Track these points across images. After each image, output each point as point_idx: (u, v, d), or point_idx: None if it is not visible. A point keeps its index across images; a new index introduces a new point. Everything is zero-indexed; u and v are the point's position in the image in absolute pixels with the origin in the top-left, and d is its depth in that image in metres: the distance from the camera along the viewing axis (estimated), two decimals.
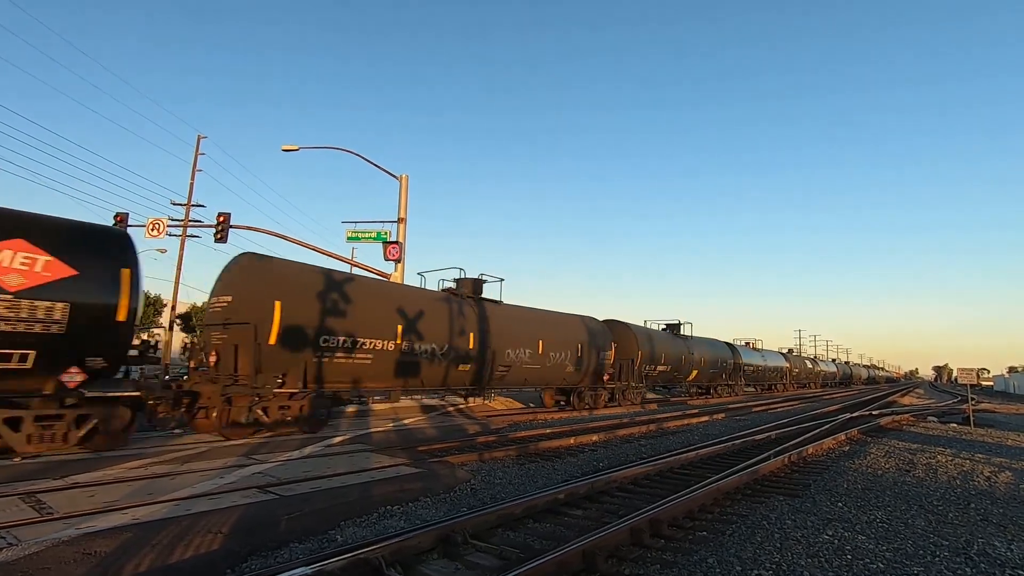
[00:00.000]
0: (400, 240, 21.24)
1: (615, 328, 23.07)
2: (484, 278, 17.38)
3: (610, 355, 21.30)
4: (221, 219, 21.23)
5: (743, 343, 40.85)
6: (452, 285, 16.97)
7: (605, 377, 21.08)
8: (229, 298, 11.32)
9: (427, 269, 18.06)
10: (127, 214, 21.62)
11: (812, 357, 65.35)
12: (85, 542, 4.55)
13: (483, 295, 17.09)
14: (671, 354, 25.85)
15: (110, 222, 21.16)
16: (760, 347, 42.85)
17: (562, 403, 20.65)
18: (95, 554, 4.35)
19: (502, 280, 17.76)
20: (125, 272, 9.04)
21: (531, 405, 21.62)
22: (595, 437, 11.93)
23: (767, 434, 12.20)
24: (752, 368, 38.27)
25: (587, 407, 20.34)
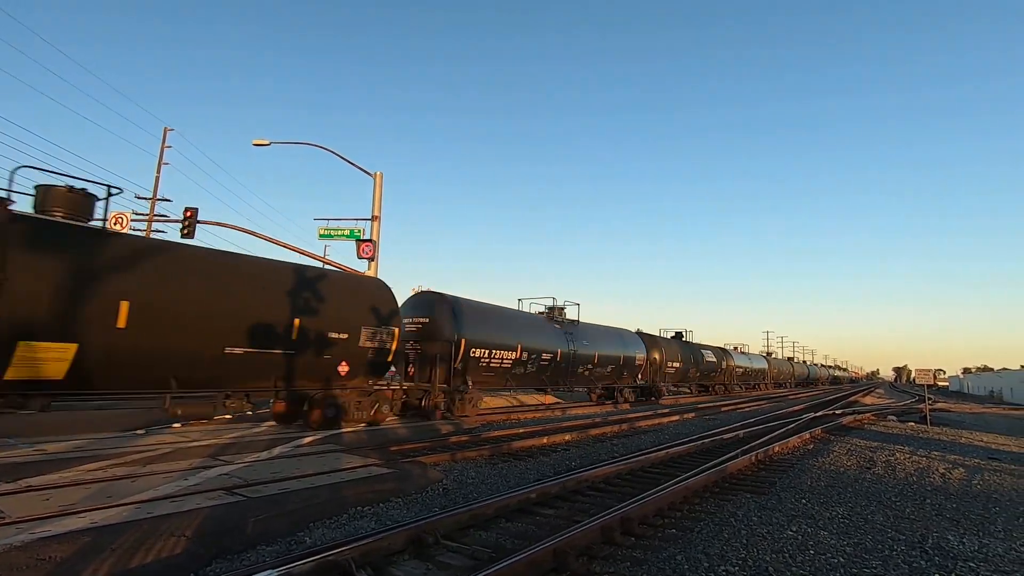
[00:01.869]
0: (374, 238, 21.00)
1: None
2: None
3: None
4: (188, 214, 20.63)
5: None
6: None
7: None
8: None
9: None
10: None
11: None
12: (39, 547, 4.37)
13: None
14: None
15: None
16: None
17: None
18: (50, 560, 4.18)
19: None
20: None
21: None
22: (568, 437, 12.00)
23: (735, 433, 12.45)
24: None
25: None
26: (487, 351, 16.01)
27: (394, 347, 13.17)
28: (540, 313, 20.90)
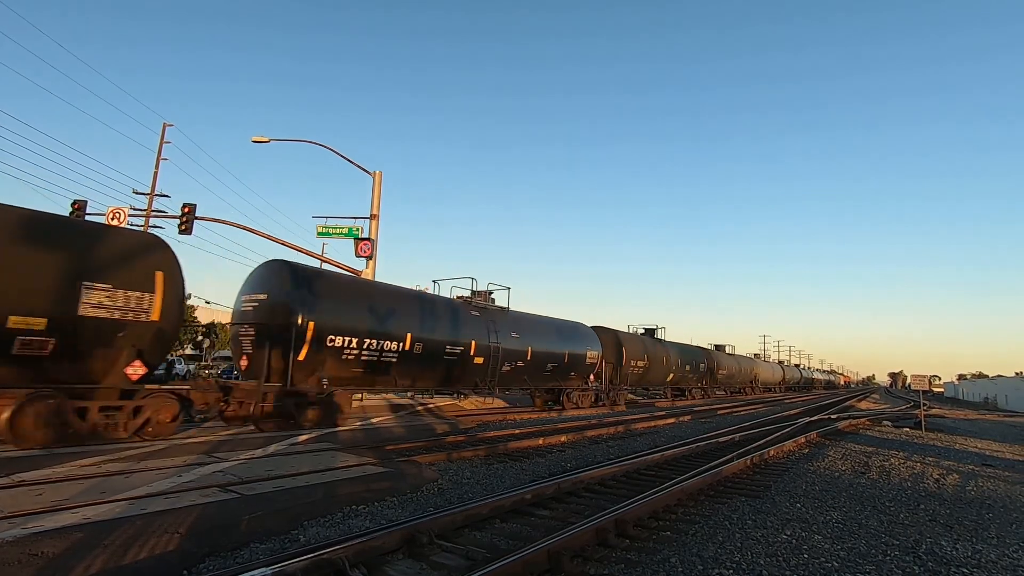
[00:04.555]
0: (372, 237, 20.99)
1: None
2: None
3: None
4: (186, 210, 20.64)
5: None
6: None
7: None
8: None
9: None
10: (86, 201, 20.79)
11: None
12: (31, 543, 4.35)
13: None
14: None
15: (67, 210, 20.35)
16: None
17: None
18: (42, 555, 4.16)
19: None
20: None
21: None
22: (563, 438, 12.00)
23: (730, 436, 12.47)
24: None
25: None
26: None
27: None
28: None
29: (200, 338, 40.40)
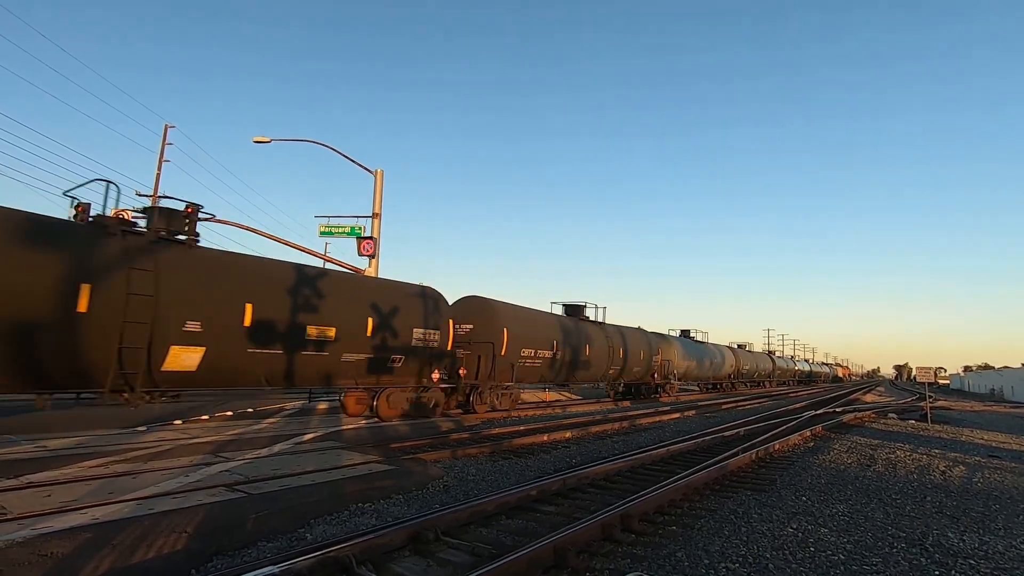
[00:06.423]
0: (375, 235, 21.01)
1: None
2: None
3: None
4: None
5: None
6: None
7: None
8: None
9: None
10: (88, 204, 20.83)
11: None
12: (40, 543, 4.38)
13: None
14: None
15: (69, 212, 20.36)
16: None
17: None
18: (51, 555, 4.19)
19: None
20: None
21: None
22: (568, 434, 12.00)
23: (736, 431, 12.46)
24: None
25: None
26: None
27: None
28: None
29: None
